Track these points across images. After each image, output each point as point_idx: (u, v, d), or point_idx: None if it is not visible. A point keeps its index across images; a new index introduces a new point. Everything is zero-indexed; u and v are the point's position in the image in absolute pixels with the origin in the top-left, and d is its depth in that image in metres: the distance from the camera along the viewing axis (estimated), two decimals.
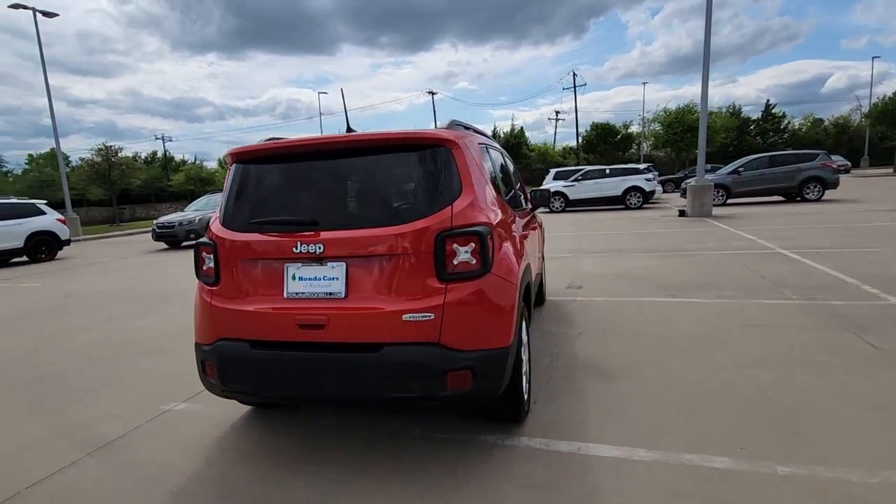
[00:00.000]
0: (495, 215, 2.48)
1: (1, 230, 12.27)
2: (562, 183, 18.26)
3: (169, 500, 2.28)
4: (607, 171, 18.00)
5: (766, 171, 16.00)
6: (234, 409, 3.14)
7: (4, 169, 42.93)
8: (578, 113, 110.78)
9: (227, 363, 2.41)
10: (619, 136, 38.23)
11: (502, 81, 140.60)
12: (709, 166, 19.75)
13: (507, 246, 2.51)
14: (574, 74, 48.34)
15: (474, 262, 2.24)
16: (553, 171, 20.37)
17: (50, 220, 13.49)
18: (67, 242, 13.99)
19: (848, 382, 3.05)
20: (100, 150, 30.83)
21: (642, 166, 19.64)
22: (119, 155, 31.42)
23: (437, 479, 2.32)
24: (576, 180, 17.97)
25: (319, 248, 2.26)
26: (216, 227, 2.55)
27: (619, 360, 3.64)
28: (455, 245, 2.23)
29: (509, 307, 2.36)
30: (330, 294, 2.28)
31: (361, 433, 2.81)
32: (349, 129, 2.72)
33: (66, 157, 43.81)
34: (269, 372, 2.34)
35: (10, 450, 2.85)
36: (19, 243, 12.67)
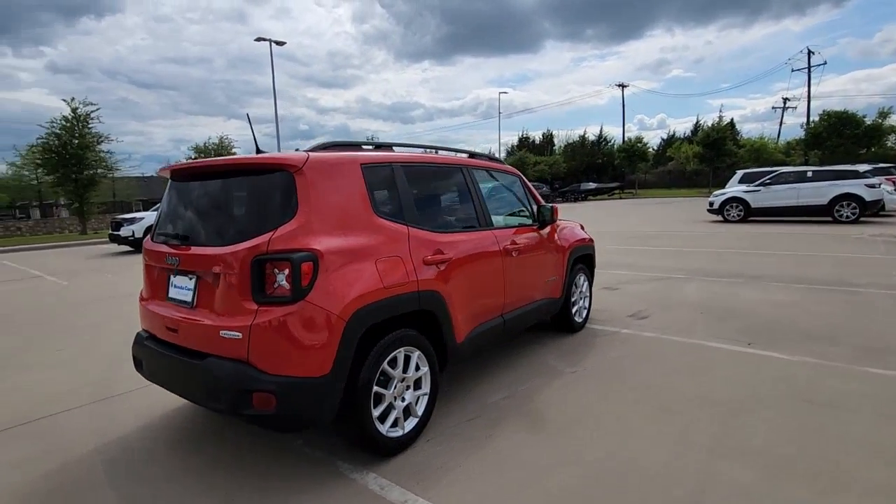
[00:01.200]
0: (339, 242, 2.40)
1: None
2: (743, 188, 15.33)
3: (91, 452, 2.84)
4: (809, 174, 14.41)
5: None
6: None
7: None
8: (833, 98, 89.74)
9: (134, 348, 2.88)
10: (862, 128, 29.60)
11: (727, 66, 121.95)
12: None
13: (350, 274, 2.39)
14: (809, 52, 39.62)
15: (287, 287, 2.23)
16: (740, 173, 17.18)
17: None
18: None
19: None
20: None
21: (864, 167, 15.19)
22: None
23: (253, 490, 2.39)
24: (762, 184, 14.87)
25: (176, 261, 2.53)
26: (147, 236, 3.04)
27: (576, 415, 3.08)
28: (275, 269, 2.25)
29: (325, 338, 2.27)
30: (184, 302, 2.54)
31: (254, 435, 3.01)
32: (258, 151, 2.91)
33: None
34: (149, 362, 2.72)
35: (71, 388, 3.85)
36: None
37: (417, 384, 2.81)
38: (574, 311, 4.69)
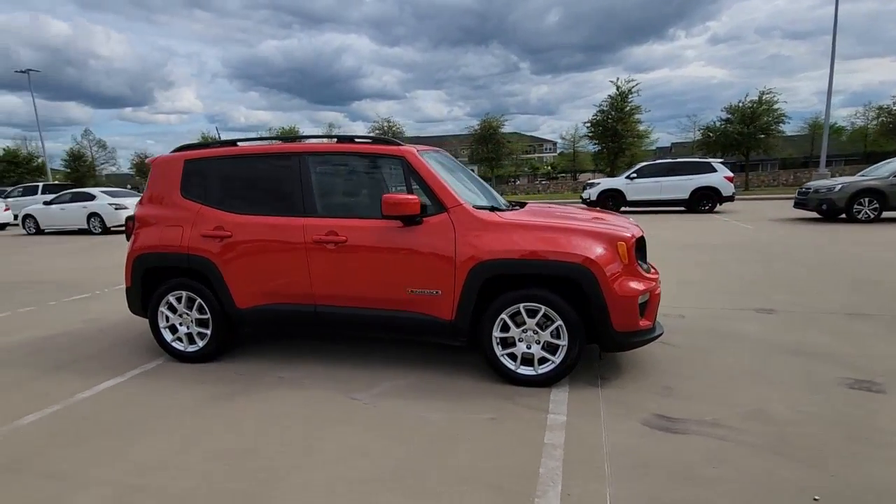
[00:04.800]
0: (149, 211, 3.79)
1: (672, 184, 15.44)
2: None
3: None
4: None
5: None
6: None
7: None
8: None
9: None
10: None
11: None
12: None
13: (144, 233, 3.75)
14: None
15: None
16: None
17: (717, 177, 15.20)
18: (731, 198, 15.29)
19: None
20: None
21: None
22: None
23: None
24: None
25: None
26: None
27: (229, 425, 3.02)
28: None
29: (127, 266, 3.80)
30: None
31: None
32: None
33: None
34: None
35: None
36: (684, 196, 15.42)
37: (202, 323, 3.76)
38: (506, 352, 3.23)
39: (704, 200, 15.36)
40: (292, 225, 3.49)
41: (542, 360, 3.20)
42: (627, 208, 16.01)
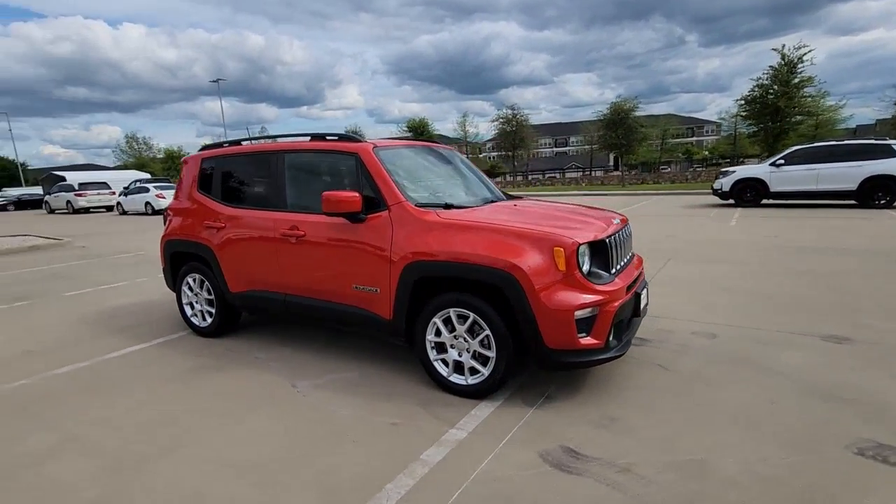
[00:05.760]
0: (177, 205, 4.38)
1: (834, 171, 12.58)
2: None
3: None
4: None
5: None
6: None
7: None
8: None
9: None
10: None
11: None
12: None
13: (171, 222, 4.36)
14: None
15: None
16: None
17: None
18: None
19: None
20: None
21: None
22: None
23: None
24: None
25: None
26: None
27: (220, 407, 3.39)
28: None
29: (160, 252, 4.47)
30: None
31: None
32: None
33: None
34: None
35: None
36: (851, 186, 12.45)
37: (210, 303, 4.26)
38: (440, 358, 3.09)
39: (880, 193, 12.27)
40: (267, 218, 3.76)
41: (474, 371, 2.99)
42: (771, 201, 13.58)
